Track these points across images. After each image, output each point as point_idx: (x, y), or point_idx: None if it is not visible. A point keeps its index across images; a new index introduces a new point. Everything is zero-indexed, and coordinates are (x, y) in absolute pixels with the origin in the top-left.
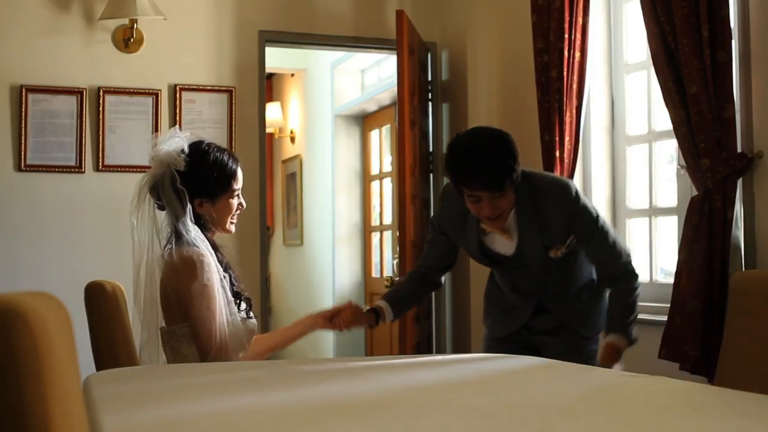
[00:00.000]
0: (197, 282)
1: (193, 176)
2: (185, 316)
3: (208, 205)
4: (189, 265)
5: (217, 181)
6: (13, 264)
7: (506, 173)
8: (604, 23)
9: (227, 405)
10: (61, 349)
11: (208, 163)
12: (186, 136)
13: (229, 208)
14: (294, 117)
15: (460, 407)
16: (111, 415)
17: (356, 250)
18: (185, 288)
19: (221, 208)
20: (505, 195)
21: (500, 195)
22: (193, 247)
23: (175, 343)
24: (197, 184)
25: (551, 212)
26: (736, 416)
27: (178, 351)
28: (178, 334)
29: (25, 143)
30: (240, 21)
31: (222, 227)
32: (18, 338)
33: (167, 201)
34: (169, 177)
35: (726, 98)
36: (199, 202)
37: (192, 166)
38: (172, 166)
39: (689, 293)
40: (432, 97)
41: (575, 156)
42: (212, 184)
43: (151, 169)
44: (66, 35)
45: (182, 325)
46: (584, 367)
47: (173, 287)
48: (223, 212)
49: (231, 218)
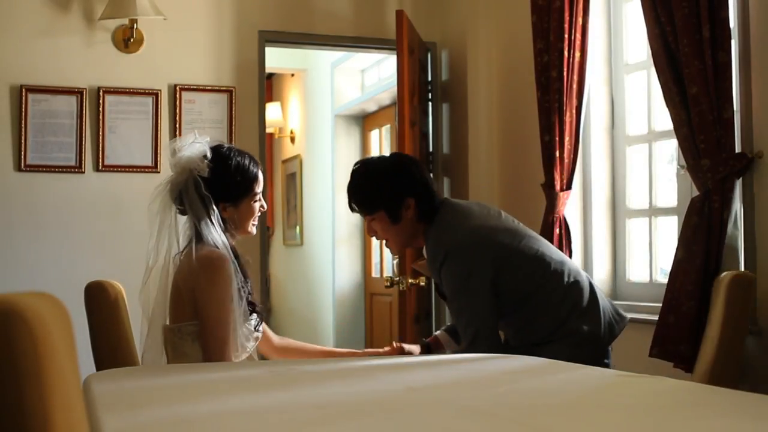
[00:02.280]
0: (216, 284)
1: (216, 182)
2: (195, 315)
3: (231, 209)
4: (210, 265)
5: (239, 185)
6: (13, 264)
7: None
8: (604, 23)
9: (227, 405)
10: (61, 349)
11: (231, 168)
12: (207, 140)
13: (251, 211)
14: (294, 117)
15: (460, 407)
16: (111, 415)
17: (356, 250)
18: (203, 288)
19: (244, 212)
20: (375, 219)
21: (370, 218)
22: (214, 249)
23: (178, 341)
24: (221, 189)
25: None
26: (736, 416)
27: (180, 349)
28: (184, 332)
29: (25, 143)
30: (240, 21)
31: (244, 230)
32: (18, 338)
33: (191, 206)
34: (192, 183)
35: (726, 98)
36: (223, 206)
37: (215, 172)
38: (195, 172)
39: (685, 293)
40: (432, 97)
41: (575, 156)
42: (235, 188)
43: (173, 175)
44: (66, 35)
45: (190, 323)
46: (584, 367)
47: (189, 285)
48: (245, 215)
49: (253, 221)
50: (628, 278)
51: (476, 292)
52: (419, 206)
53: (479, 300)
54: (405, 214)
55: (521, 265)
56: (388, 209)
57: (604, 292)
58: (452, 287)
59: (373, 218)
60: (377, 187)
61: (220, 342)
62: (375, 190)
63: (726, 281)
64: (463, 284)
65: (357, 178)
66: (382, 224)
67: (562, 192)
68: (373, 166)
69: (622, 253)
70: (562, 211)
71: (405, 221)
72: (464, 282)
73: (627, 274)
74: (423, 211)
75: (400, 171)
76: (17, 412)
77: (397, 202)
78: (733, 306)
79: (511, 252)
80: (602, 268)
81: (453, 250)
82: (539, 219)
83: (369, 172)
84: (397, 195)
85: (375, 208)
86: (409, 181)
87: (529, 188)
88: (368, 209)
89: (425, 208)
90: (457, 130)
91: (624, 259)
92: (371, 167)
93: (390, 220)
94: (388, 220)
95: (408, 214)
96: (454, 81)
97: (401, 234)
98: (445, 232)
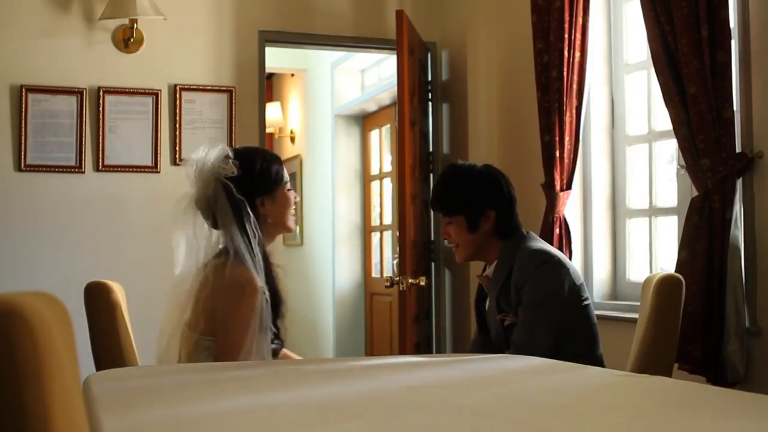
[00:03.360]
0: (238, 305)
1: (247, 177)
2: (212, 332)
3: (269, 202)
4: (235, 285)
5: (270, 173)
6: (13, 264)
7: (444, 197)
8: (604, 23)
9: (227, 405)
10: (61, 349)
11: (257, 160)
12: (221, 145)
13: (288, 199)
14: (294, 117)
15: (460, 407)
16: (111, 415)
17: (356, 250)
18: (225, 306)
19: (281, 201)
20: (452, 222)
21: (448, 221)
22: (244, 268)
23: (196, 353)
24: (254, 183)
25: (515, 276)
26: (736, 416)
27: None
28: (201, 346)
29: (25, 143)
30: (240, 21)
31: (284, 224)
32: (18, 338)
33: (223, 217)
34: (222, 190)
35: (725, 98)
36: (261, 200)
37: (244, 167)
38: (222, 176)
39: (690, 294)
40: (432, 97)
41: (575, 156)
42: (267, 177)
43: (198, 189)
44: (66, 35)
45: (207, 338)
46: (584, 367)
47: (212, 300)
48: (283, 204)
49: (291, 212)
50: (628, 278)
51: (557, 309)
52: (499, 220)
53: (554, 317)
54: (483, 224)
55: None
56: (468, 215)
57: (604, 293)
58: (542, 292)
59: (450, 221)
60: (464, 190)
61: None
62: (461, 193)
63: (655, 282)
64: (554, 292)
65: (446, 178)
66: (458, 229)
67: (562, 192)
68: (464, 170)
69: (622, 253)
70: (562, 211)
71: (481, 232)
72: (557, 292)
73: (627, 274)
74: (501, 226)
75: (489, 181)
76: (17, 412)
77: (479, 210)
78: (663, 307)
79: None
80: (602, 268)
81: (557, 261)
82: (539, 219)
83: (459, 175)
84: (480, 203)
85: (456, 211)
86: (496, 194)
87: (529, 188)
88: (449, 211)
89: (504, 224)
90: (457, 130)
91: (624, 259)
92: (463, 170)
93: (467, 227)
94: (465, 227)
95: (486, 225)
96: (454, 81)
97: (474, 243)
98: (541, 247)
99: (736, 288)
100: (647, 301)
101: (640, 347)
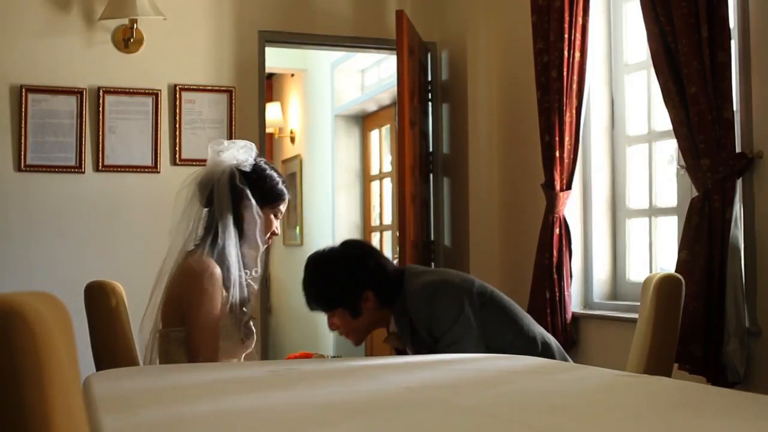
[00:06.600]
0: (200, 293)
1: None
2: (182, 321)
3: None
4: (195, 273)
5: (270, 191)
6: (13, 264)
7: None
8: (604, 23)
9: (227, 405)
10: (61, 349)
11: (267, 174)
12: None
13: (269, 222)
14: (294, 117)
15: (460, 407)
16: (111, 415)
17: None
18: (188, 295)
19: (263, 219)
20: (335, 315)
21: (330, 314)
22: (207, 258)
23: (167, 345)
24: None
25: (417, 321)
26: (736, 416)
27: (170, 355)
28: (171, 337)
29: (25, 143)
30: (240, 21)
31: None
32: (18, 338)
33: (219, 199)
34: (228, 174)
35: (725, 98)
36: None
37: (258, 170)
38: (235, 165)
39: (690, 294)
40: (432, 97)
41: (575, 156)
42: (269, 190)
43: (208, 168)
44: (66, 35)
45: (177, 329)
46: (584, 367)
47: (176, 291)
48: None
49: (263, 233)
50: (628, 278)
51: (469, 324)
52: (379, 295)
53: (473, 331)
54: (365, 305)
55: (498, 310)
56: (347, 305)
57: (604, 293)
58: (447, 320)
59: (333, 314)
60: (333, 284)
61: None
62: (331, 287)
63: (655, 282)
64: (457, 315)
65: (311, 276)
66: (343, 320)
67: (562, 192)
68: (325, 262)
69: (622, 253)
70: (562, 211)
71: (366, 312)
72: (459, 313)
73: (627, 274)
74: (383, 297)
75: (354, 263)
76: (17, 412)
77: (355, 296)
78: (663, 307)
79: (492, 294)
80: (602, 268)
81: (441, 286)
82: (539, 219)
83: (322, 269)
84: (354, 290)
85: (333, 305)
86: (365, 273)
87: (529, 188)
88: (326, 307)
89: (385, 295)
90: (457, 130)
91: (624, 259)
92: (324, 262)
93: (351, 315)
94: (349, 315)
95: (368, 304)
96: (454, 81)
97: (364, 325)
98: (424, 280)
99: (736, 288)
100: (647, 301)
101: (640, 347)
